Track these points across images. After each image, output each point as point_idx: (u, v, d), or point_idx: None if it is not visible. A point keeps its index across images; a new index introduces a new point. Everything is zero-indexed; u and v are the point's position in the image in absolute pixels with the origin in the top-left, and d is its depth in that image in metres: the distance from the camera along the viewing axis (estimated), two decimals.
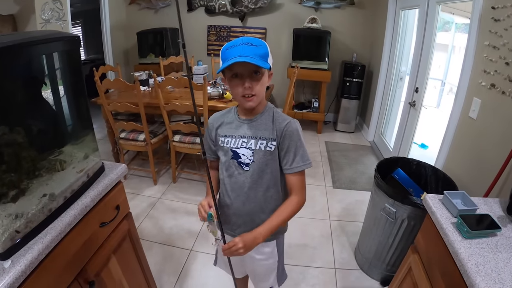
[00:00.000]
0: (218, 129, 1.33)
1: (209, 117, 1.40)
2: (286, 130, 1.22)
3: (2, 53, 0.81)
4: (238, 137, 1.27)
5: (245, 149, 1.25)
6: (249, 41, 1.11)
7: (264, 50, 1.12)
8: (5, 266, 0.88)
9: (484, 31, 2.08)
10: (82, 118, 1.27)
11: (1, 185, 0.87)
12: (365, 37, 5.11)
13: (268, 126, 1.25)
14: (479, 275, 0.96)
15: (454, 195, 1.31)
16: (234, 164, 1.29)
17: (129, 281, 1.59)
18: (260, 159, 1.25)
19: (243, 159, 1.26)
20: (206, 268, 2.35)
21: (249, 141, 1.25)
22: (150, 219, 2.89)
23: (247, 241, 1.15)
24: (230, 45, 1.13)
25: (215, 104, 3.12)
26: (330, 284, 2.25)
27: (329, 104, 5.57)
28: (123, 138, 3.28)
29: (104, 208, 1.31)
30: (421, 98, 3.21)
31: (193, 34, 5.50)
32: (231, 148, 1.28)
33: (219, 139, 1.32)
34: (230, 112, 1.34)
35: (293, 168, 1.24)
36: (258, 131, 1.25)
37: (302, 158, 1.24)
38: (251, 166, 1.26)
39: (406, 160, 2.34)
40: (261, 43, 1.13)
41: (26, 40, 0.91)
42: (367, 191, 3.34)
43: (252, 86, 1.15)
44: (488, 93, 2.00)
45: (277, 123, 1.24)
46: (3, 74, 0.84)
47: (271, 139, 1.23)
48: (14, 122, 0.89)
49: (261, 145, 1.24)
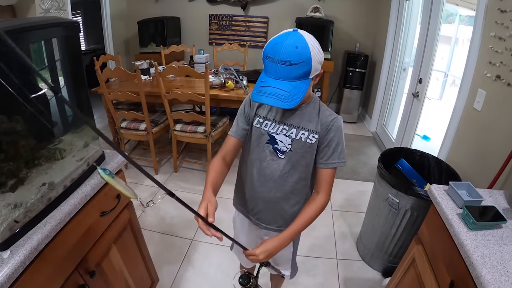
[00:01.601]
0: (258, 108, 1.27)
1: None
2: (332, 125, 1.18)
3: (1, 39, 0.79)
4: (279, 122, 1.22)
5: (285, 136, 1.21)
6: (288, 58, 0.98)
7: (305, 68, 1.00)
8: (4, 256, 0.87)
9: (490, 22, 2.04)
10: (82, 106, 1.25)
11: (0, 174, 0.86)
12: (368, 27, 5.04)
13: (313, 118, 1.20)
14: (485, 267, 0.95)
15: (459, 186, 1.29)
16: (269, 149, 1.24)
17: (130, 270, 1.59)
18: (298, 149, 1.21)
19: (280, 146, 1.22)
20: (207, 257, 2.35)
21: (290, 129, 1.20)
22: (151, 208, 2.88)
23: (270, 249, 1.13)
24: (270, 53, 1.02)
25: (217, 93, 3.10)
26: (331, 274, 2.25)
27: (332, 94, 5.52)
28: (124, 128, 3.26)
29: (104, 197, 1.30)
30: (425, 89, 3.18)
31: (195, 23, 5.45)
32: (269, 132, 1.23)
33: (256, 119, 1.26)
34: None
35: (328, 164, 1.21)
36: (301, 121, 1.20)
37: (339, 155, 1.21)
38: (287, 155, 1.22)
39: (410, 151, 2.32)
40: (303, 58, 0.99)
41: (24, 26, 0.88)
42: (369, 182, 3.32)
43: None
44: (493, 84, 1.97)
45: (323, 116, 1.20)
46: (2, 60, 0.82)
47: (314, 131, 1.19)
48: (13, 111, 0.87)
49: (302, 136, 1.19)
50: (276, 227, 1.38)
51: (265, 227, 1.39)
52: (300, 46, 0.98)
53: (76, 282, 1.16)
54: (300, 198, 1.31)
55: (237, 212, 1.53)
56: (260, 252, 1.11)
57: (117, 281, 1.47)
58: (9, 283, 0.84)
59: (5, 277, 0.82)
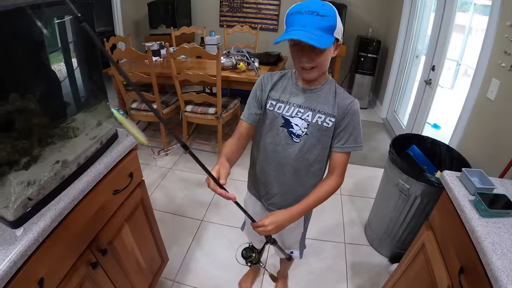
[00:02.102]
0: (271, 90, 1.24)
1: (263, 74, 1.29)
2: (350, 109, 1.16)
3: (13, 16, 0.79)
4: (294, 105, 1.19)
5: (300, 119, 1.18)
6: (315, 9, 0.98)
7: (331, 22, 1.00)
8: (17, 234, 0.87)
9: (507, 11, 2.00)
10: (95, 85, 1.25)
11: (13, 152, 0.86)
12: (381, 12, 4.94)
13: (329, 101, 1.17)
14: (495, 253, 0.94)
15: (472, 173, 1.28)
16: (283, 133, 1.22)
17: (141, 249, 1.61)
18: (314, 133, 1.19)
19: (295, 129, 1.19)
20: (216, 238, 2.38)
21: (305, 112, 1.17)
22: (161, 189, 2.92)
23: (279, 221, 1.11)
24: (296, 10, 1.02)
25: (228, 74, 3.09)
26: (339, 258, 2.26)
27: (343, 79, 5.48)
28: (135, 109, 3.27)
29: (117, 176, 1.31)
30: (438, 76, 3.13)
31: (206, 5, 5.41)
32: (283, 115, 1.20)
33: (268, 101, 1.24)
34: (287, 75, 1.25)
35: (345, 148, 1.20)
36: (317, 103, 1.17)
37: (355, 140, 1.20)
38: (302, 139, 1.20)
39: (421, 138, 2.30)
40: (329, 13, 1.00)
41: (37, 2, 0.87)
42: (378, 168, 3.32)
43: (312, 59, 1.06)
44: (508, 74, 1.93)
45: (339, 99, 1.17)
46: (15, 38, 0.82)
47: (331, 115, 1.16)
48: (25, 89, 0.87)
49: (318, 119, 1.17)
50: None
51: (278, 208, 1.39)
52: (325, 4, 1.01)
53: (88, 260, 1.18)
54: (315, 181, 1.30)
55: (249, 193, 1.53)
56: (270, 223, 1.09)
57: (128, 259, 1.49)
58: (22, 261, 0.85)
59: (18, 255, 0.83)
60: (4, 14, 0.76)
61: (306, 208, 1.17)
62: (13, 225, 0.89)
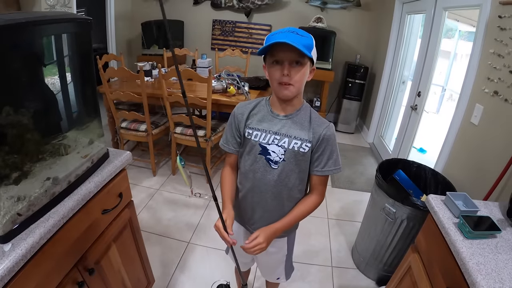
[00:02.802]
0: (247, 119, 1.25)
1: (236, 106, 1.32)
2: (325, 134, 1.18)
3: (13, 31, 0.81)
4: (270, 132, 1.20)
5: (277, 146, 1.19)
6: (295, 30, 1.06)
7: (309, 41, 1.06)
8: (5, 249, 0.86)
9: (490, 39, 2.08)
10: (89, 103, 1.26)
11: (4, 166, 0.86)
12: (369, 39, 5.10)
13: (304, 126, 1.19)
14: (480, 274, 0.97)
15: (456, 196, 1.31)
16: (261, 160, 1.23)
17: (128, 270, 1.59)
18: (291, 159, 1.20)
19: (273, 156, 1.21)
20: (203, 260, 2.35)
21: (282, 139, 1.19)
22: (148, 210, 2.89)
23: (268, 236, 1.16)
24: (276, 31, 1.07)
25: (218, 98, 3.12)
26: (326, 281, 2.26)
27: (331, 104, 5.56)
28: (124, 128, 3.27)
29: (107, 195, 1.31)
30: (423, 102, 3.21)
31: (198, 27, 5.49)
32: (260, 143, 1.21)
33: (245, 131, 1.24)
34: (261, 103, 1.27)
35: (324, 171, 1.22)
36: (293, 130, 1.19)
37: (334, 163, 1.22)
38: (280, 165, 1.21)
39: (407, 162, 2.35)
40: (307, 34, 1.07)
41: (38, 19, 0.90)
42: (365, 192, 3.36)
43: (291, 74, 1.08)
44: (491, 100, 2.00)
45: (314, 124, 1.19)
46: (13, 52, 0.83)
47: (307, 140, 1.18)
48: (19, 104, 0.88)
49: (295, 145, 1.18)
50: None
51: None
52: (301, 30, 1.09)
53: (75, 279, 1.16)
54: (295, 203, 1.31)
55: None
56: (264, 240, 1.14)
57: (114, 279, 1.47)
58: (9, 277, 0.84)
59: (5, 270, 0.82)
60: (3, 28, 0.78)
61: (288, 223, 1.23)
62: (1, 240, 0.88)
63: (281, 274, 1.59)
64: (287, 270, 1.59)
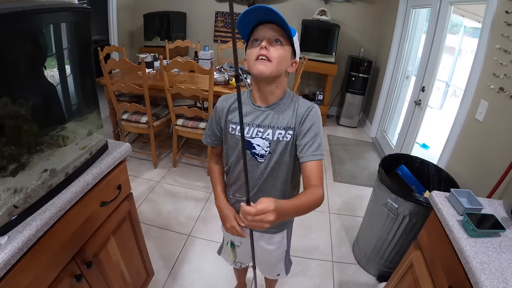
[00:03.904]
0: (229, 114, 1.20)
1: (218, 100, 1.27)
2: (309, 113, 1.11)
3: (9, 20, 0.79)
4: (253, 125, 1.15)
5: (261, 139, 1.14)
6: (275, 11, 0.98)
7: (291, 28, 1.03)
8: (1, 242, 0.85)
9: (496, 35, 2.05)
10: (88, 94, 1.24)
11: (1, 158, 0.85)
12: (373, 33, 5.05)
13: (287, 114, 1.13)
14: (483, 273, 0.95)
15: (460, 193, 1.29)
16: (247, 155, 1.17)
17: (127, 263, 1.58)
18: (276, 150, 1.14)
19: (258, 150, 1.16)
20: (203, 254, 2.34)
21: (265, 131, 1.13)
22: (148, 202, 2.88)
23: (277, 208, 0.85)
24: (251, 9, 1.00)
25: (220, 90, 3.09)
26: (327, 276, 2.25)
27: (333, 98, 5.54)
28: (125, 120, 3.25)
29: (105, 187, 1.29)
30: (427, 97, 3.19)
31: (201, 19, 5.46)
32: (244, 137, 1.14)
33: (229, 125, 1.20)
34: (243, 96, 1.18)
35: (315, 155, 1.08)
36: (276, 120, 1.13)
37: (319, 147, 1.10)
38: (267, 158, 1.16)
39: (410, 158, 2.32)
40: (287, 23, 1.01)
41: (35, 7, 0.87)
42: (367, 187, 3.34)
43: (269, 49, 1.02)
44: (496, 96, 1.97)
45: (298, 108, 1.13)
46: (9, 42, 0.81)
47: (289, 128, 1.12)
48: (17, 94, 0.86)
49: (279, 135, 1.12)
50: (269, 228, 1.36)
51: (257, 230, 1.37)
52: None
53: (72, 271, 1.15)
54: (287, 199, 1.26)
55: None
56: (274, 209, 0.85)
57: (113, 272, 1.46)
58: (5, 269, 0.83)
59: (2, 263, 0.81)
60: None
61: (296, 207, 1.00)
62: None
63: (282, 270, 1.58)
64: (286, 265, 1.58)
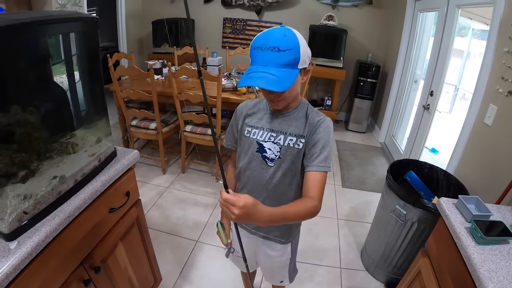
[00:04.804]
0: (246, 118, 1.26)
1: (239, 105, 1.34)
2: (320, 124, 1.13)
3: (20, 30, 0.80)
4: (266, 129, 1.20)
5: (272, 143, 1.18)
6: (276, 44, 0.98)
7: (293, 55, 0.99)
8: (11, 247, 0.87)
9: (504, 38, 2.03)
10: (97, 102, 1.26)
11: (11, 164, 0.86)
12: (381, 38, 5.04)
13: (301, 123, 1.16)
14: (491, 281, 0.94)
15: (468, 200, 1.28)
16: (258, 158, 1.21)
17: (135, 268, 1.59)
18: (286, 156, 1.17)
19: (269, 153, 1.19)
20: (211, 260, 2.35)
21: (277, 136, 1.17)
22: (157, 208, 2.90)
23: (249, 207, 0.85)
24: (258, 44, 1.02)
25: (228, 96, 3.11)
26: (335, 283, 2.23)
27: (342, 103, 5.53)
28: (134, 126, 3.28)
29: (114, 194, 1.31)
30: (436, 101, 3.17)
31: (209, 25, 5.49)
32: (257, 140, 1.20)
33: (245, 128, 1.25)
34: (262, 102, 1.26)
35: (320, 166, 1.09)
36: (289, 126, 1.17)
37: (326, 159, 1.10)
38: (276, 162, 1.19)
39: (419, 163, 2.31)
40: (291, 45, 0.98)
41: (46, 18, 0.89)
42: (376, 192, 3.32)
43: (278, 95, 1.07)
44: (506, 100, 1.95)
45: (310, 118, 1.16)
46: (19, 52, 0.83)
47: (301, 136, 1.15)
48: (27, 102, 0.88)
49: (290, 142, 1.15)
50: (273, 237, 1.37)
51: (262, 236, 1.39)
52: (288, 35, 1.00)
53: (81, 277, 1.16)
54: None
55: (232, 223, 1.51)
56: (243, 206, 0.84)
57: (121, 278, 1.47)
58: (14, 274, 0.84)
59: (11, 268, 0.83)
60: (8, 28, 0.78)
61: (277, 215, 0.95)
62: (7, 237, 0.88)
63: (285, 277, 1.58)
64: (290, 273, 1.58)
